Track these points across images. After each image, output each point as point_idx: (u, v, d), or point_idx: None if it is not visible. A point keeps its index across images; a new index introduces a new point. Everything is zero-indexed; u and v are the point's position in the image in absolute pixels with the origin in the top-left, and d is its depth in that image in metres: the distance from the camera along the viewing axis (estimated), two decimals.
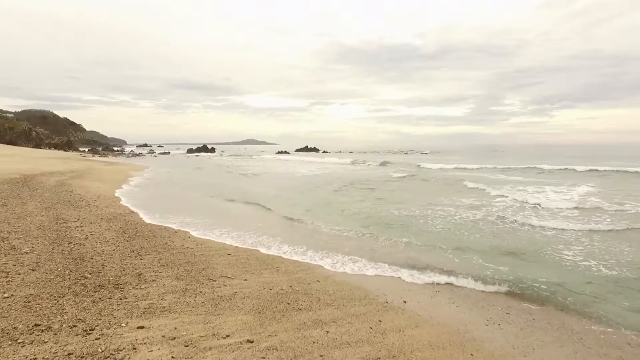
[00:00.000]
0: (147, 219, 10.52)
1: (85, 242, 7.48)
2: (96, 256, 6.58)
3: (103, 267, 6.01)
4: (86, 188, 16.24)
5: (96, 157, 56.88)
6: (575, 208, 13.19)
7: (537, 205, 13.85)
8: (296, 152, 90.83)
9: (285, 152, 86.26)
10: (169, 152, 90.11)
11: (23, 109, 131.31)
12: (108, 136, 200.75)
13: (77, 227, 8.74)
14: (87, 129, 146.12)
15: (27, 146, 71.48)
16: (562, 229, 10.27)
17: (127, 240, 7.91)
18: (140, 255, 6.93)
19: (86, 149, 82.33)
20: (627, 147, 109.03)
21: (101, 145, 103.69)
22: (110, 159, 55.07)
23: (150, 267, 6.23)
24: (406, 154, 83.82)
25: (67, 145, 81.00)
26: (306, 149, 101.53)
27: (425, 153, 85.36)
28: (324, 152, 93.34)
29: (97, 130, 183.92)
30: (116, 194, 15.31)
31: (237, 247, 8.22)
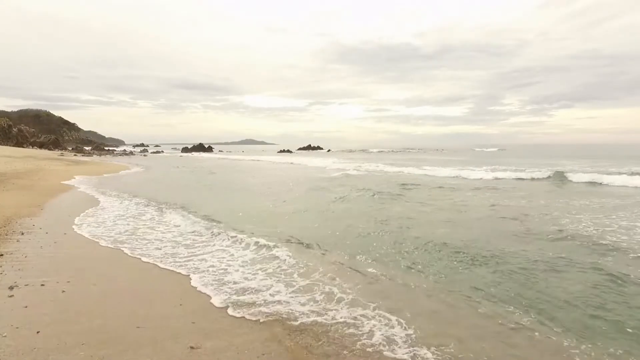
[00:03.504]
0: None
1: None
2: None
3: None
4: None
5: (78, 157, 50.92)
6: None
7: None
8: (299, 151, 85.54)
9: (288, 151, 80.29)
10: (162, 151, 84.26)
11: (21, 108, 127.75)
12: (106, 136, 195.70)
13: None
14: (85, 129, 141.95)
15: (7, 144, 65.84)
16: None
17: None
18: None
19: (70, 148, 76.56)
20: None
21: (94, 144, 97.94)
22: (94, 158, 49.08)
23: None
24: (419, 150, 78.09)
25: (54, 144, 75.50)
26: (309, 148, 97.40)
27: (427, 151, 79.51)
28: (329, 150, 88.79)
29: (95, 130, 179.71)
30: (19, 222, 9.09)
31: None
